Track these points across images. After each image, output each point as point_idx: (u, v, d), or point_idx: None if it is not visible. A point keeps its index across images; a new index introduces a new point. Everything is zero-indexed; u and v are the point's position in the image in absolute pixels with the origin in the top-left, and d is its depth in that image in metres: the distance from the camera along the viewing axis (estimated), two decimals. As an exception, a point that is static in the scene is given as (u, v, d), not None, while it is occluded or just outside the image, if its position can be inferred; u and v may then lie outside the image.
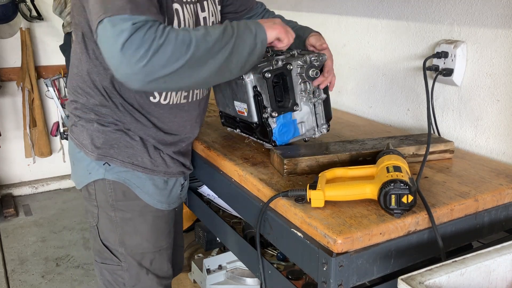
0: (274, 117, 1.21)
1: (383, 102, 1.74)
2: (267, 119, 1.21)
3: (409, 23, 1.58)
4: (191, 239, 2.39)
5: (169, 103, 1.17)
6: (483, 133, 1.38)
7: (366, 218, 0.92)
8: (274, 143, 1.24)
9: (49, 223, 2.98)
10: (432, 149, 1.23)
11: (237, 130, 1.39)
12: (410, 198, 0.91)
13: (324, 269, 0.88)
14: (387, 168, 0.97)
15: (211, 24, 1.22)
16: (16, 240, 2.77)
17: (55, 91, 3.19)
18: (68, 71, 1.26)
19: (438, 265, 0.72)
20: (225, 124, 1.45)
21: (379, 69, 1.74)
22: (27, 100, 3.17)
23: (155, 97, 1.14)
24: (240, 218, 1.56)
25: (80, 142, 1.17)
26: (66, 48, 2.71)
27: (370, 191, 0.96)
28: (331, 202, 0.97)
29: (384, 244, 0.91)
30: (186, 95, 1.20)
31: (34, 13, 3.02)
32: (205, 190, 1.67)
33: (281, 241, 1.04)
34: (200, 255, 2.26)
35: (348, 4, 1.85)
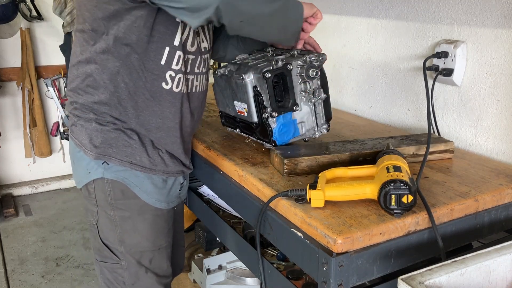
0: (274, 117, 1.21)
1: (383, 102, 1.74)
2: (267, 119, 1.21)
3: (409, 23, 1.58)
4: (191, 239, 2.39)
5: (180, 91, 1.17)
6: (483, 133, 1.38)
7: (366, 218, 0.92)
8: (274, 143, 1.24)
9: (49, 223, 2.98)
10: (432, 149, 1.23)
11: (237, 130, 1.39)
12: (410, 198, 0.91)
13: (324, 269, 0.88)
14: (387, 168, 0.97)
15: None
16: (16, 240, 2.77)
17: (55, 91, 3.19)
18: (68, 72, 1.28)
19: (438, 265, 0.72)
20: (225, 124, 1.45)
21: (379, 69, 1.74)
22: (27, 100, 3.17)
23: (167, 83, 1.15)
24: (240, 218, 1.56)
25: (79, 141, 1.18)
26: (66, 48, 2.71)
27: (370, 191, 0.96)
28: (331, 202, 0.97)
29: (384, 244, 0.91)
30: (192, 85, 1.21)
31: (34, 13, 3.02)
32: (205, 190, 1.67)
33: (281, 241, 1.04)
34: (200, 255, 2.26)
35: (348, 4, 1.85)
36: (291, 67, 1.20)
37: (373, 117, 1.80)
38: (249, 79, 1.21)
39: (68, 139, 3.27)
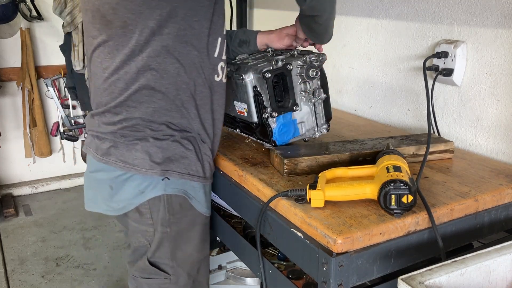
0: (274, 117, 1.21)
1: (383, 102, 1.74)
2: (267, 119, 1.21)
3: (409, 23, 1.58)
4: (191, 239, 2.39)
5: (224, 81, 1.17)
6: (483, 133, 1.38)
7: (366, 218, 0.92)
8: (274, 143, 1.24)
9: (49, 223, 2.98)
10: (432, 149, 1.23)
11: (237, 130, 1.39)
12: (410, 198, 0.91)
13: (324, 269, 0.88)
14: (387, 168, 0.97)
15: None
16: (16, 240, 2.77)
17: (55, 91, 3.19)
18: (91, 87, 1.16)
19: (438, 265, 0.72)
20: (225, 124, 1.44)
21: (379, 69, 1.74)
22: (27, 100, 3.17)
23: (218, 75, 1.14)
24: (241, 218, 1.56)
25: (127, 163, 1.09)
26: (66, 48, 2.71)
27: (370, 191, 0.96)
28: (331, 202, 0.97)
29: (384, 244, 0.91)
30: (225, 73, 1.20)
31: (34, 13, 3.01)
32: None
33: (281, 241, 1.04)
34: (200, 255, 2.26)
35: (348, 4, 1.85)
36: (291, 67, 1.20)
37: (373, 117, 1.80)
38: (249, 79, 1.21)
39: (68, 139, 3.28)
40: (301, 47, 1.38)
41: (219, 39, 1.11)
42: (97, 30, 1.07)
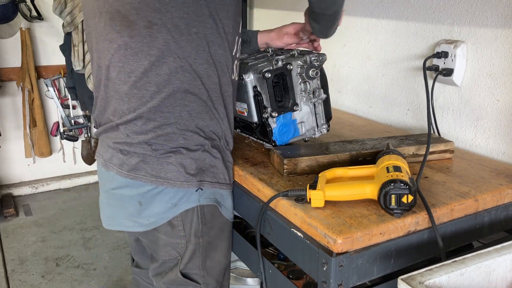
0: (274, 117, 1.21)
1: (383, 102, 1.74)
2: (267, 119, 1.21)
3: (409, 23, 1.58)
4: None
5: (236, 80, 1.17)
6: (483, 133, 1.38)
7: (366, 218, 0.92)
8: (274, 143, 1.24)
9: (49, 223, 2.98)
10: (432, 149, 1.23)
11: (237, 130, 1.39)
12: (410, 198, 0.91)
13: (324, 269, 0.88)
14: (387, 168, 0.97)
15: None
16: (16, 240, 2.77)
17: (55, 91, 3.19)
18: (107, 94, 1.10)
19: (438, 265, 0.72)
20: (225, 124, 1.45)
21: (379, 69, 1.74)
22: (27, 100, 3.17)
23: (233, 73, 1.13)
24: (241, 218, 1.56)
25: (159, 177, 1.06)
26: (66, 48, 2.71)
27: (370, 191, 0.96)
28: (331, 202, 0.97)
29: (384, 244, 0.91)
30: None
31: (34, 13, 3.02)
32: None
33: (281, 241, 1.04)
34: (200, 255, 2.26)
35: (348, 4, 1.84)
36: (291, 67, 1.20)
37: (373, 117, 1.80)
38: (249, 79, 1.21)
39: (68, 139, 3.29)
40: (301, 47, 1.38)
41: (236, 37, 1.11)
42: (116, 33, 1.01)
